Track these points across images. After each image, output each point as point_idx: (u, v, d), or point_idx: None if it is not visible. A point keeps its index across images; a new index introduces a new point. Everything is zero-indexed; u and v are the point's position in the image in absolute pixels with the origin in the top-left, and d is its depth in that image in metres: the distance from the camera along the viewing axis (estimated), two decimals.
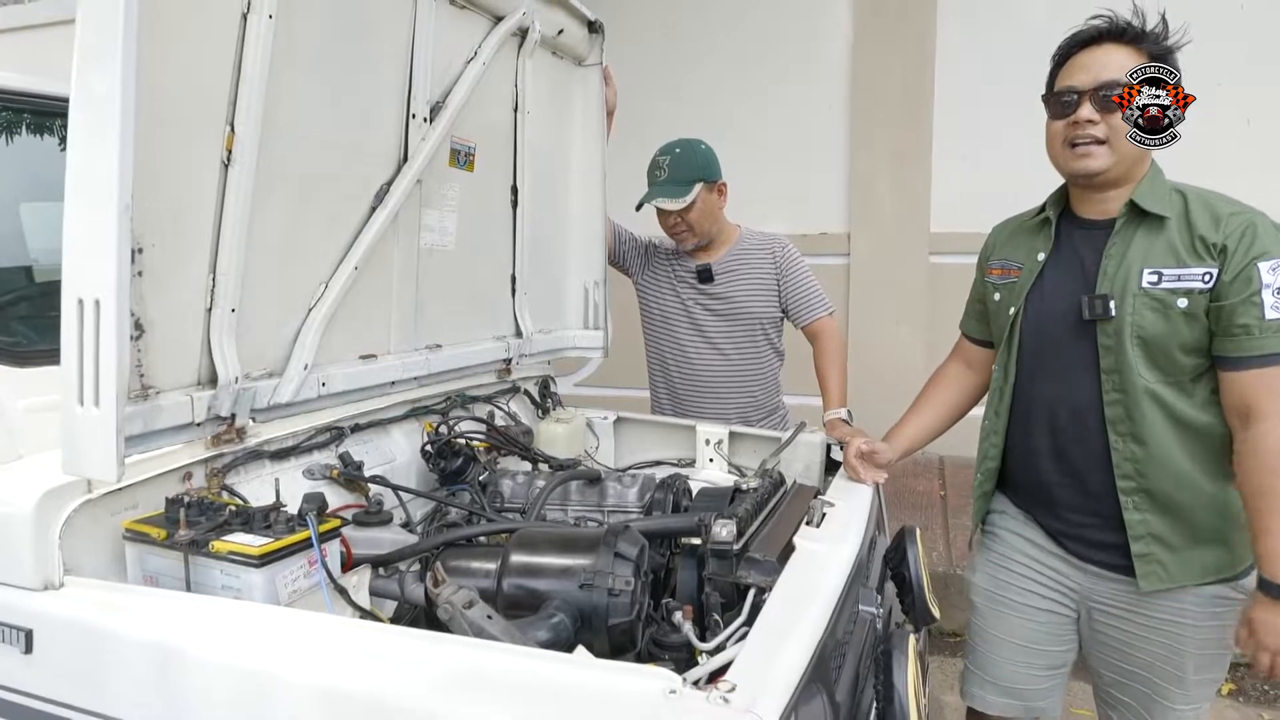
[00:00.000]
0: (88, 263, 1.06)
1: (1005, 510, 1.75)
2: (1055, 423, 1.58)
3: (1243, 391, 1.39)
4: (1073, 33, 1.52)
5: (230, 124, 1.30)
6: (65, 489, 1.20)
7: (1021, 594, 1.70)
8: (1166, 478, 1.47)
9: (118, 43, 1.01)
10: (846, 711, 1.24)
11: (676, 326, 2.52)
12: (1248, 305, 1.36)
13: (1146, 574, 1.50)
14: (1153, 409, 1.46)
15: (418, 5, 1.73)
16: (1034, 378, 1.61)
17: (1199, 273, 1.40)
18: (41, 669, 1.16)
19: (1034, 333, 1.60)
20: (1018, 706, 1.74)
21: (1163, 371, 1.46)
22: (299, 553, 1.20)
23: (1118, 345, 1.47)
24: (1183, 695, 1.55)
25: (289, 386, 1.51)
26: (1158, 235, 1.45)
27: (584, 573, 1.24)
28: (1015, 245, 1.68)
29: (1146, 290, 1.44)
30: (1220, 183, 4.70)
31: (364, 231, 1.66)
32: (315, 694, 0.99)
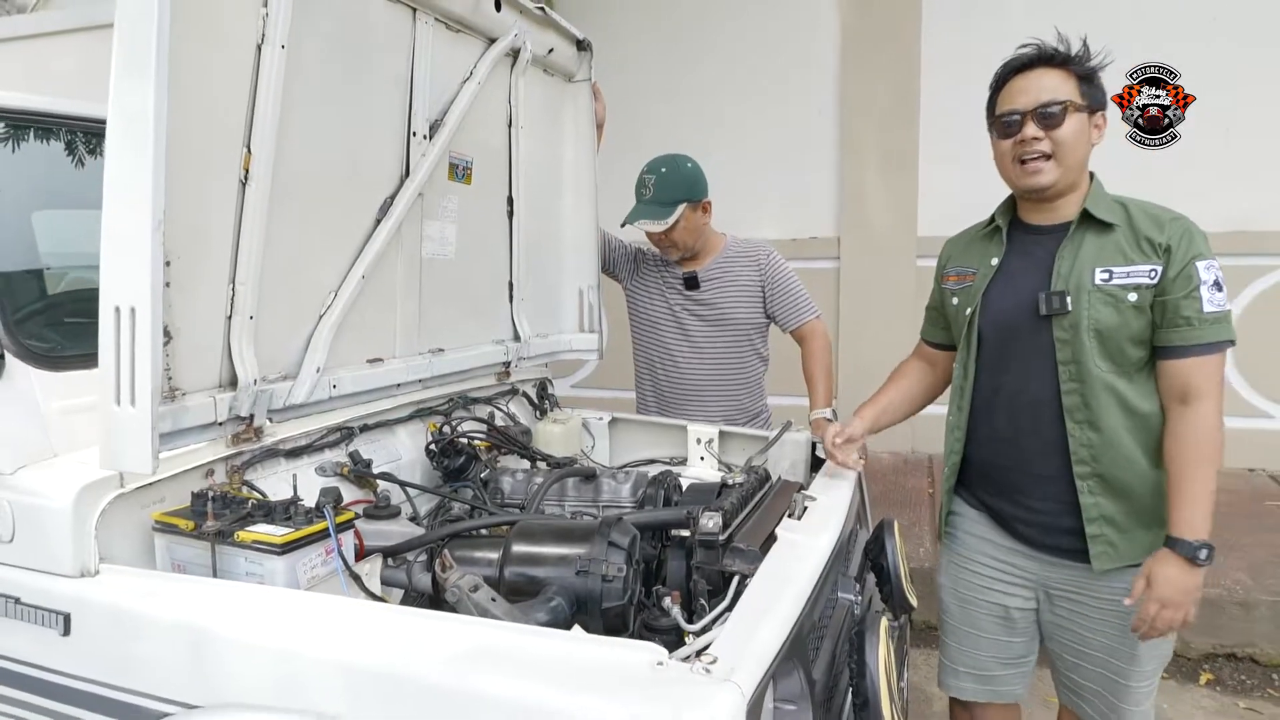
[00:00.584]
0: (124, 274, 1.16)
1: (963, 513, 1.87)
2: (1014, 413, 1.70)
3: (1183, 377, 1.53)
4: (1007, 60, 1.66)
5: (247, 146, 1.40)
6: (100, 484, 1.29)
7: (983, 591, 1.81)
8: (1118, 462, 1.60)
9: (150, 80, 1.11)
10: (823, 687, 1.35)
11: (664, 332, 2.61)
12: (1189, 300, 1.51)
13: (1099, 554, 1.62)
14: (1107, 397, 1.59)
15: (416, 31, 1.83)
16: (993, 372, 1.73)
17: (1145, 269, 1.54)
18: (79, 650, 1.25)
19: (991, 329, 1.71)
20: (989, 692, 1.85)
21: (1114, 362, 1.58)
22: (317, 542, 1.30)
23: (1074, 338, 1.59)
24: (1136, 671, 1.66)
25: (303, 388, 1.61)
26: (1106, 239, 1.59)
27: (580, 560, 1.34)
28: (969, 253, 1.80)
29: (1100, 286, 1.57)
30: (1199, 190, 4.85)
31: (370, 243, 1.76)
32: (337, 669, 1.08)
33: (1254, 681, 3.01)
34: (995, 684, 1.85)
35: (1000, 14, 4.75)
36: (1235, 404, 4.55)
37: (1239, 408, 4.55)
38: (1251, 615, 3.09)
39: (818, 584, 1.40)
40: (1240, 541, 3.55)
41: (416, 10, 1.82)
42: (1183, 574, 1.50)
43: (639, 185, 2.44)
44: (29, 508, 1.29)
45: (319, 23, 1.53)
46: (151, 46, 1.12)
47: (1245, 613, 3.09)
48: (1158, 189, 4.67)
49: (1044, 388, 1.64)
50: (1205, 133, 4.46)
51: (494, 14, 2.03)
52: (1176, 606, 1.51)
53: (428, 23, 1.84)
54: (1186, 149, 4.49)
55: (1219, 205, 4.47)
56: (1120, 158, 4.52)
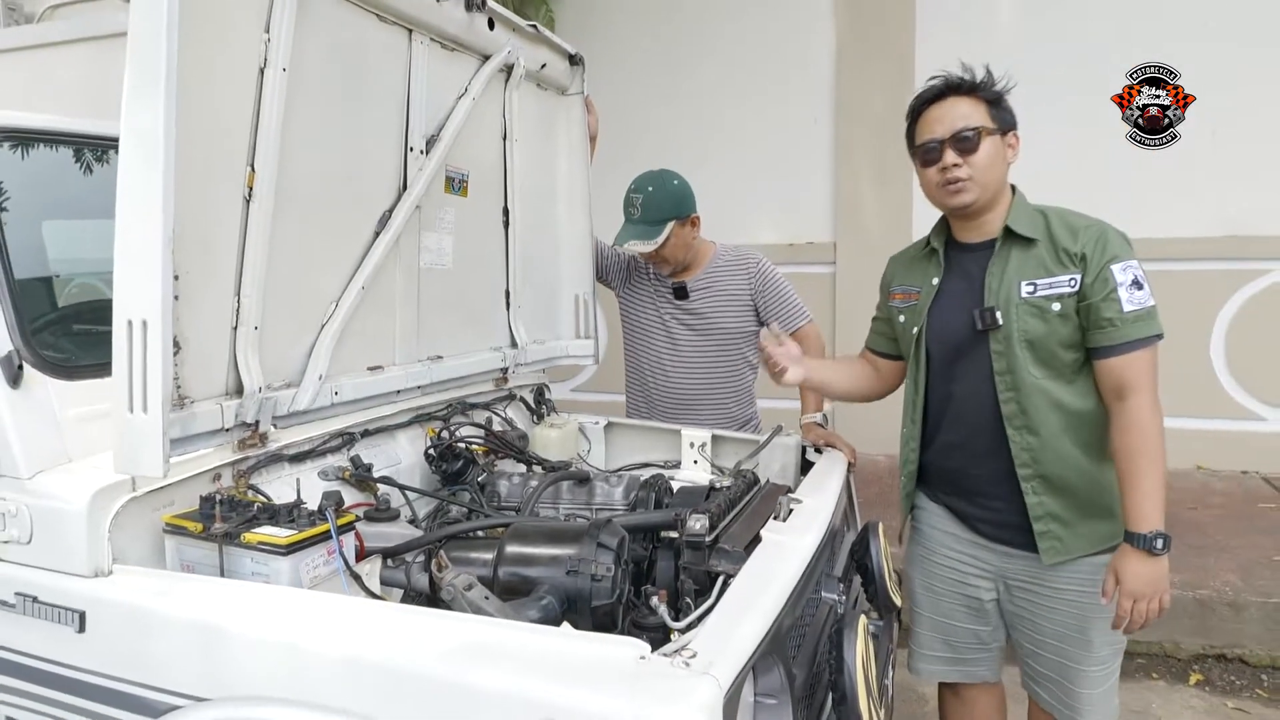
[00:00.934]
0: (136, 288, 1.22)
1: (926, 508, 1.96)
2: (962, 422, 1.80)
3: (1116, 374, 1.63)
4: (919, 93, 1.76)
5: (251, 165, 1.47)
6: (113, 488, 1.35)
7: (946, 581, 1.91)
8: (1058, 462, 1.69)
9: (159, 105, 1.18)
10: (803, 683, 1.40)
11: (654, 340, 2.65)
12: (1109, 302, 1.61)
13: (1047, 549, 1.71)
14: (1042, 402, 1.68)
15: (412, 51, 1.90)
16: (940, 385, 1.83)
17: (1065, 279, 1.64)
18: (93, 647, 1.31)
19: (937, 346, 1.82)
20: (959, 672, 1.96)
21: (1048, 368, 1.68)
22: (320, 543, 1.36)
23: (1008, 349, 1.68)
24: (1089, 657, 1.74)
25: (305, 395, 1.67)
26: (1029, 252, 1.68)
27: (570, 561, 1.40)
28: (911, 272, 1.90)
29: (1026, 299, 1.66)
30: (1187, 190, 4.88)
31: (369, 255, 1.82)
32: (339, 663, 1.14)
33: (1243, 682, 3.06)
34: (965, 665, 1.95)
35: (993, 24, 4.82)
36: (1228, 407, 4.59)
37: (1232, 410, 4.59)
38: (1241, 616, 3.13)
39: (799, 583, 1.45)
40: (1231, 543, 3.60)
41: (412, 31, 1.88)
42: (1145, 566, 1.58)
43: (626, 204, 2.46)
44: (46, 511, 1.35)
45: (318, 46, 1.60)
46: (160, 74, 1.18)
47: (1235, 614, 3.14)
48: (1151, 194, 4.74)
49: (985, 397, 1.73)
50: (1197, 137, 4.52)
51: (487, 32, 2.09)
52: (1147, 598, 1.58)
53: (423, 42, 1.91)
54: (1179, 153, 4.54)
55: (1212, 209, 4.53)
56: (1119, 157, 4.60)
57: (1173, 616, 3.18)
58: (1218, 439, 4.60)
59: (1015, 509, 1.74)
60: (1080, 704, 1.77)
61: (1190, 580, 3.25)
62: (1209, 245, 4.53)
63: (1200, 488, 4.36)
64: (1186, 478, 4.52)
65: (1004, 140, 1.72)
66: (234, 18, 1.41)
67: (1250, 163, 4.48)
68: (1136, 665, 3.17)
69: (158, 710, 1.26)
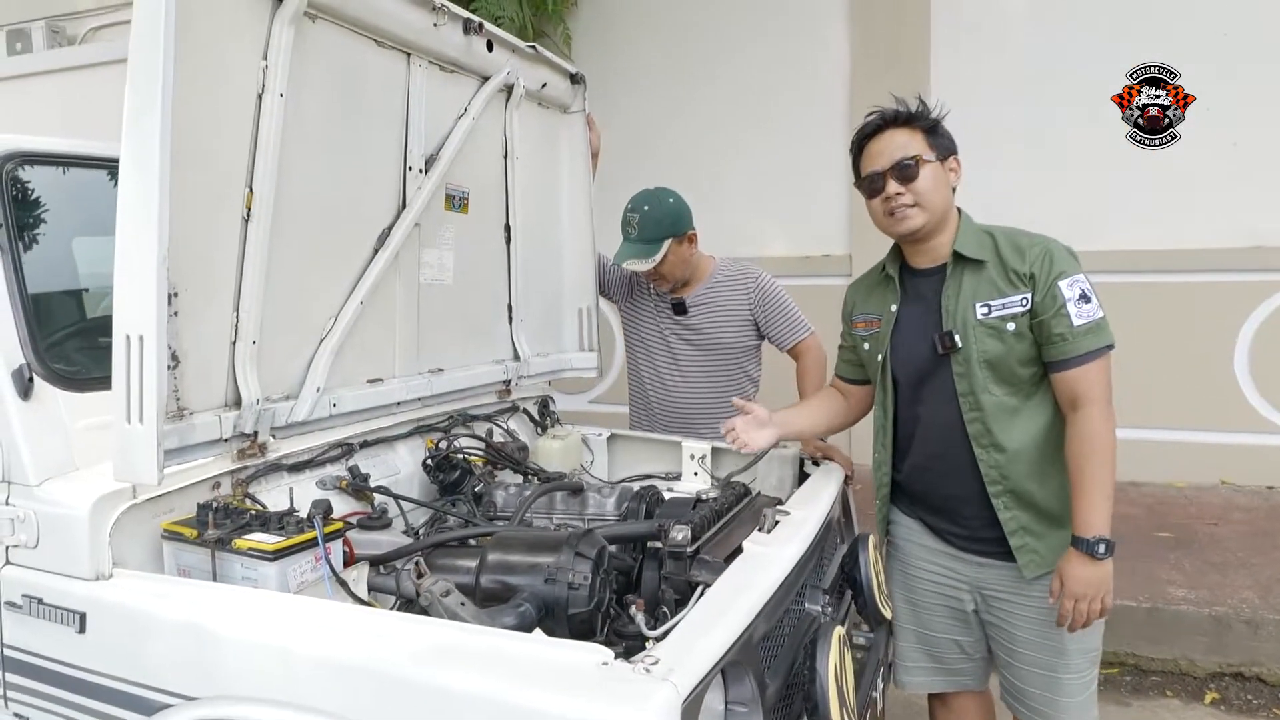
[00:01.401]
0: (133, 306, 1.29)
1: (901, 523, 1.99)
2: (931, 443, 1.83)
3: (1069, 386, 1.67)
4: (859, 129, 1.82)
5: (250, 186, 1.54)
6: (115, 495, 1.42)
7: (925, 595, 1.93)
8: (1025, 476, 1.72)
9: (155, 130, 1.25)
10: (776, 691, 1.42)
11: (655, 354, 2.68)
12: (1059, 318, 1.65)
13: (1026, 563, 1.74)
14: (1005, 419, 1.71)
15: (410, 73, 1.96)
16: (908, 408, 1.86)
17: (1017, 299, 1.68)
18: (93, 646, 1.38)
19: (902, 371, 1.85)
20: (942, 682, 1.98)
21: (1009, 385, 1.71)
22: (307, 550, 1.41)
23: (968, 370, 1.72)
24: (1064, 665, 1.75)
25: (304, 407, 1.73)
26: (981, 274, 1.72)
27: (548, 569, 1.44)
28: (871, 300, 1.94)
29: (982, 320, 1.70)
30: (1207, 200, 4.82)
31: (368, 271, 1.88)
32: (319, 663, 1.19)
33: (1260, 701, 2.99)
34: (950, 675, 1.97)
35: (1006, 39, 4.81)
36: (1253, 421, 4.50)
37: (1257, 424, 4.50)
38: (1259, 634, 3.07)
39: (776, 594, 1.48)
40: (1251, 560, 3.53)
41: (410, 55, 1.94)
42: (1087, 569, 1.61)
43: (624, 224, 2.49)
44: (51, 516, 1.43)
45: (316, 71, 1.67)
46: (156, 100, 1.25)
47: (1252, 631, 3.08)
48: (1168, 204, 4.69)
49: (951, 418, 1.77)
50: (1217, 148, 4.46)
51: (486, 54, 2.15)
52: (1088, 599, 1.62)
53: (421, 65, 1.97)
54: (1198, 163, 4.49)
55: (1237, 220, 4.46)
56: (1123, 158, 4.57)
57: (1188, 633, 3.13)
58: (1242, 453, 4.50)
59: (988, 524, 1.77)
60: (1059, 713, 1.77)
61: (1206, 597, 3.19)
62: (1234, 256, 4.46)
63: (1223, 502, 4.28)
64: (1210, 492, 4.43)
65: (944, 166, 1.76)
66: (232, 47, 1.48)
67: (1276, 173, 4.41)
68: (1151, 683, 3.12)
69: (153, 708, 1.32)
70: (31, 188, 1.66)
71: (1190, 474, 4.57)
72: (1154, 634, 3.16)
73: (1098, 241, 4.61)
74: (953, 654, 1.95)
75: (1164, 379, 4.55)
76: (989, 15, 4.88)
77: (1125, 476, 4.56)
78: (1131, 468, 4.60)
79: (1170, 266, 4.57)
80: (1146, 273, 4.59)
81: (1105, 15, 4.62)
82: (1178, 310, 4.55)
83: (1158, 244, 4.58)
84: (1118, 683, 3.12)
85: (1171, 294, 4.57)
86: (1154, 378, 4.53)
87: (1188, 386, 4.55)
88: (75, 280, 1.78)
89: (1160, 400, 4.55)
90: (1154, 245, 4.58)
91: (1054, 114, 4.72)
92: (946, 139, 1.78)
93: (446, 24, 1.96)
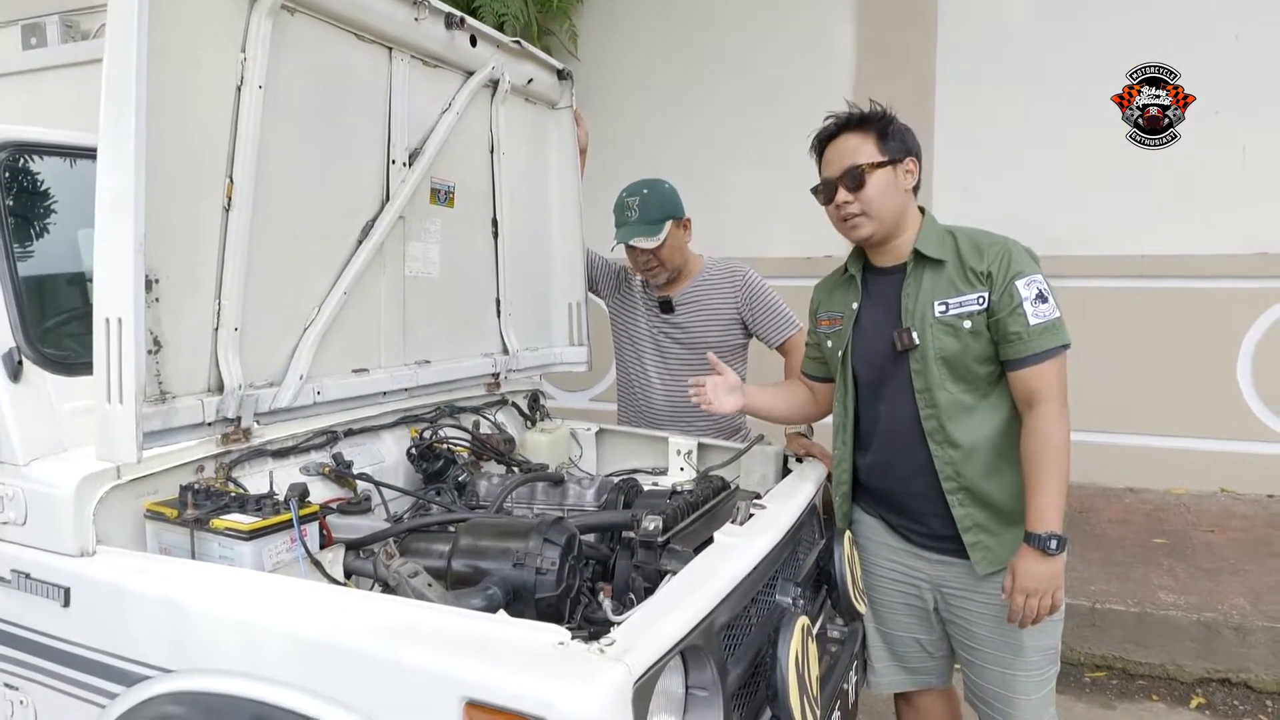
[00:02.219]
0: (112, 290, 1.33)
1: (863, 521, 2.01)
2: (889, 440, 1.85)
3: (1025, 385, 1.69)
4: (815, 134, 1.86)
5: (230, 176, 1.57)
6: (100, 475, 1.47)
7: (887, 593, 1.96)
8: (979, 474, 1.73)
9: (130, 120, 1.29)
10: (738, 678, 1.45)
11: (643, 352, 2.71)
12: (1015, 316, 1.66)
13: (979, 560, 1.75)
14: (961, 416, 1.73)
15: (393, 68, 1.98)
16: (867, 405, 1.89)
17: (974, 297, 1.70)
18: (76, 620, 1.42)
19: (862, 367, 1.87)
20: (908, 680, 2.00)
21: (965, 383, 1.72)
22: (282, 531, 1.45)
23: (925, 368, 1.73)
24: (1022, 663, 1.77)
25: (287, 393, 1.77)
26: (940, 273, 1.74)
27: (516, 554, 1.47)
28: (834, 299, 1.96)
29: (939, 319, 1.72)
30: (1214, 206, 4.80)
31: (351, 261, 1.92)
32: (287, 638, 1.23)
33: (1246, 707, 2.99)
34: (914, 674, 1.99)
35: (1011, 44, 4.81)
36: (1254, 429, 4.48)
37: (1258, 433, 4.48)
38: (1247, 640, 3.07)
39: (741, 584, 1.50)
40: (1245, 567, 3.52)
41: (392, 49, 1.97)
42: (1039, 564, 1.62)
43: (621, 209, 2.52)
44: (38, 495, 1.47)
45: (296, 64, 1.70)
46: (131, 91, 1.29)
47: (1241, 638, 3.07)
48: (1171, 210, 4.68)
49: (908, 414, 1.79)
50: (1226, 153, 4.44)
51: (469, 49, 2.17)
52: (1039, 594, 1.64)
53: (404, 60, 2.00)
54: (1205, 168, 4.47)
55: (1238, 228, 4.44)
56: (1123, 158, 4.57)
57: (1176, 638, 3.13)
58: (1242, 462, 4.48)
59: (946, 523, 1.80)
60: (1016, 711, 1.79)
61: (1196, 603, 3.19)
62: (1239, 263, 4.44)
63: (1221, 510, 4.26)
64: (1208, 500, 4.42)
65: (897, 169, 1.77)
66: (209, 38, 1.51)
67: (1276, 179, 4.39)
68: (1138, 686, 3.12)
69: (133, 680, 1.36)
70: (28, 177, 1.71)
71: (1190, 481, 4.55)
72: (1142, 638, 3.16)
73: (1100, 246, 4.61)
74: (915, 652, 1.97)
75: (1165, 386, 4.53)
76: (994, 15, 4.87)
77: (1123, 482, 4.59)
78: (1130, 474, 4.60)
79: (1174, 272, 4.55)
80: (1150, 278, 4.57)
81: (1113, 16, 4.61)
82: (1181, 317, 4.53)
83: (1161, 249, 4.56)
84: (1104, 685, 3.13)
85: (1175, 300, 4.55)
86: (1155, 384, 4.52)
87: (1189, 394, 4.53)
88: (67, 268, 1.82)
89: (1161, 407, 4.54)
90: (1157, 250, 4.56)
91: (1055, 114, 4.71)
92: (899, 141, 1.79)
93: (428, 19, 1.98)
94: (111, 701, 1.38)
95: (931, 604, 1.90)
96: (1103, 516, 4.15)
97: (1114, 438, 4.51)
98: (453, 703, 1.08)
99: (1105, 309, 4.49)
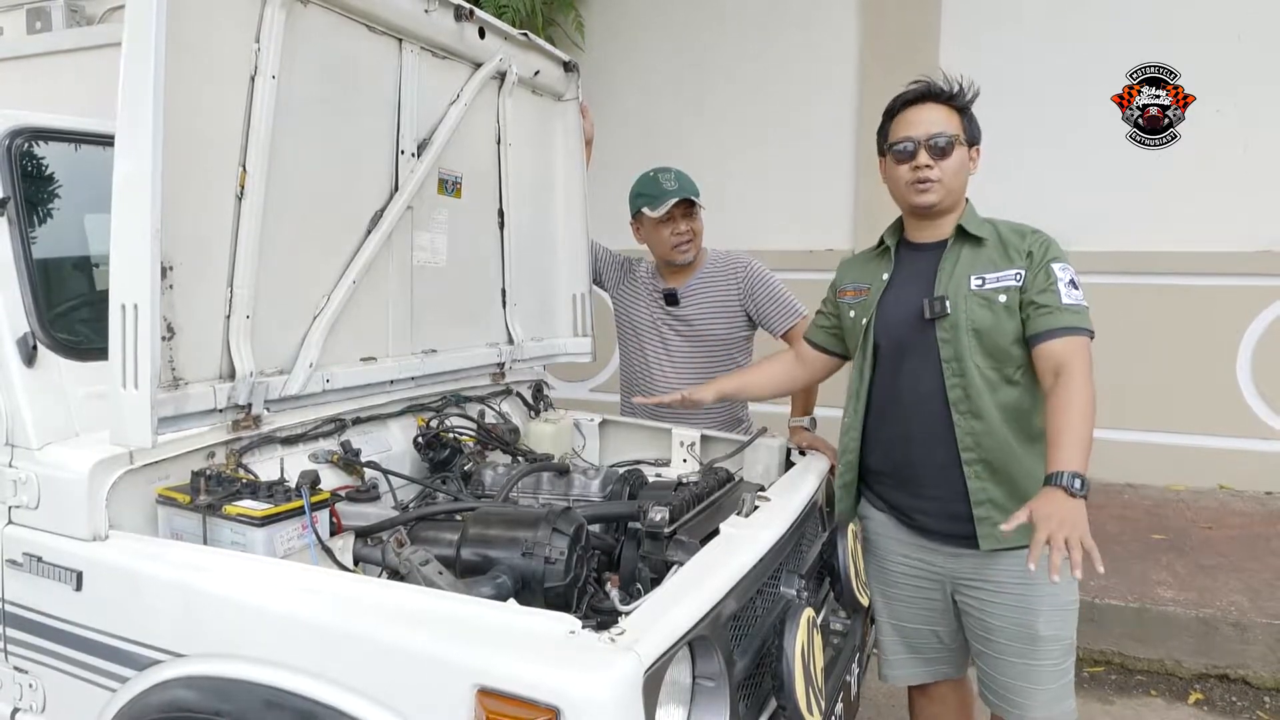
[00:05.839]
0: (128, 276, 1.34)
1: (871, 516, 2.02)
2: (907, 410, 1.86)
3: (1054, 357, 1.69)
4: (900, 93, 1.84)
5: (242, 165, 1.58)
6: (112, 460, 1.47)
7: (899, 587, 1.97)
8: (999, 449, 1.75)
9: (148, 109, 1.29)
10: (745, 668, 1.47)
11: (646, 343, 2.71)
12: (1049, 292, 1.72)
13: (984, 535, 1.76)
14: (985, 389, 1.75)
15: (403, 59, 1.99)
16: (887, 374, 1.89)
17: (1012, 273, 1.74)
18: (88, 603, 1.44)
19: (884, 336, 1.88)
20: (923, 673, 2.01)
21: (993, 359, 1.75)
22: (294, 517, 1.46)
23: (955, 337, 1.76)
24: (1038, 652, 1.77)
25: (297, 381, 1.78)
26: (980, 250, 1.78)
27: (525, 543, 1.48)
28: (863, 271, 1.99)
29: (975, 291, 1.75)
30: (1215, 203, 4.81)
31: (360, 251, 1.93)
32: (299, 623, 1.24)
33: (1244, 704, 3.01)
34: (929, 665, 2.00)
35: (1016, 34, 4.80)
36: (1254, 426, 4.50)
37: (1258, 430, 4.49)
38: (1245, 637, 3.09)
39: (748, 575, 1.52)
40: (1244, 564, 3.54)
41: (402, 40, 1.98)
42: (1064, 503, 1.48)
43: (653, 184, 2.54)
44: (51, 479, 1.49)
45: (308, 54, 1.70)
46: (149, 79, 1.29)
47: (1239, 634, 3.09)
48: (1172, 207, 4.68)
49: (931, 384, 1.80)
50: (1227, 151, 4.44)
51: (478, 41, 2.18)
52: (1066, 526, 1.43)
53: (413, 51, 2.00)
54: (1206, 166, 4.47)
55: (1240, 225, 4.45)
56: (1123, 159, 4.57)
57: (1174, 634, 3.15)
58: (1242, 459, 4.49)
59: (957, 497, 1.80)
60: (1032, 701, 1.79)
61: (1194, 599, 3.21)
62: (1239, 260, 4.45)
63: (1219, 507, 4.28)
64: (1207, 496, 4.43)
65: (970, 152, 1.82)
66: (224, 28, 1.52)
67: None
68: (1136, 682, 3.14)
69: (144, 664, 1.38)
70: (42, 163, 1.72)
71: (1189, 478, 4.57)
72: (1141, 634, 3.18)
73: (1099, 242, 4.61)
74: (931, 644, 1.98)
75: (1165, 382, 4.54)
76: (994, 15, 4.86)
77: (1123, 479, 4.60)
78: (1130, 471, 4.61)
79: (1173, 269, 4.55)
80: (1150, 275, 4.58)
81: (1113, 16, 4.60)
82: (1180, 314, 4.54)
83: (1161, 246, 4.57)
84: (1102, 681, 3.15)
85: (1174, 298, 4.56)
86: (1155, 381, 4.53)
87: (1189, 390, 4.54)
88: (81, 254, 1.83)
89: (1161, 404, 4.55)
90: (1157, 247, 4.57)
91: (1055, 114, 4.71)
92: (976, 127, 1.83)
93: (438, 10, 2.00)
94: (122, 685, 1.39)
95: (948, 596, 1.91)
96: (1102, 512, 4.17)
97: (1113, 434, 4.50)
98: (465, 689, 1.10)
99: (1104, 306, 4.43)
